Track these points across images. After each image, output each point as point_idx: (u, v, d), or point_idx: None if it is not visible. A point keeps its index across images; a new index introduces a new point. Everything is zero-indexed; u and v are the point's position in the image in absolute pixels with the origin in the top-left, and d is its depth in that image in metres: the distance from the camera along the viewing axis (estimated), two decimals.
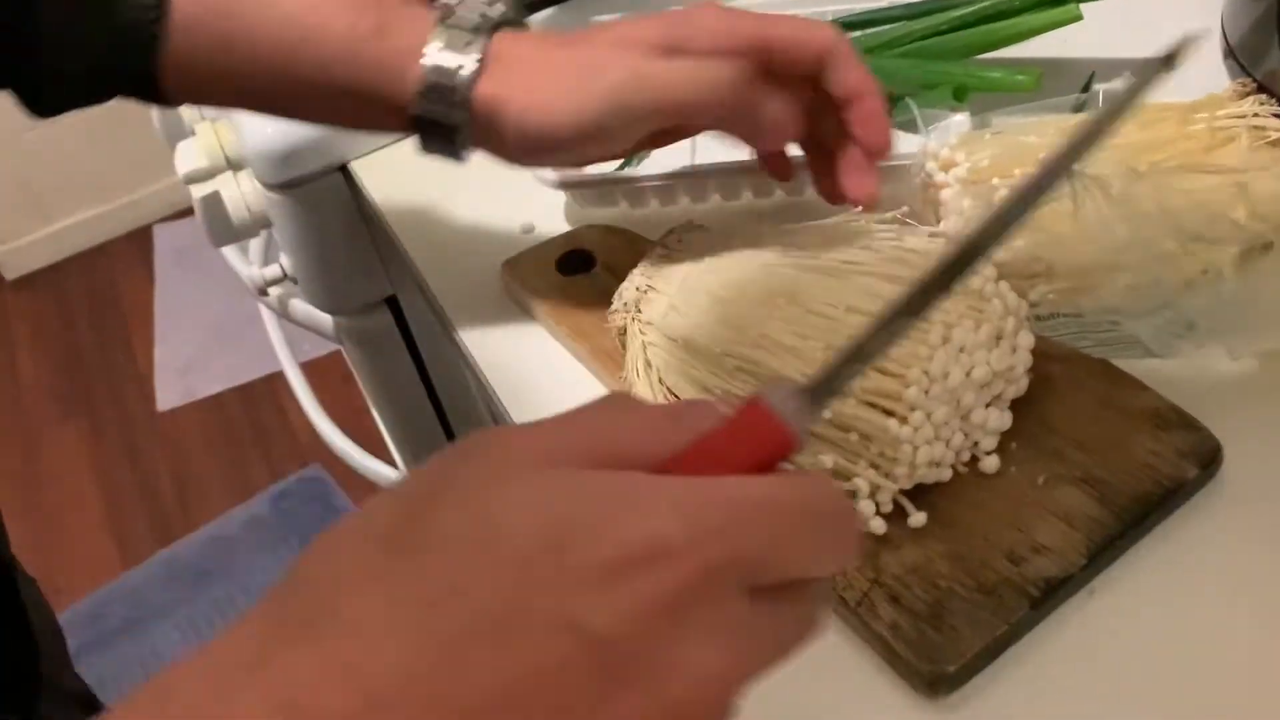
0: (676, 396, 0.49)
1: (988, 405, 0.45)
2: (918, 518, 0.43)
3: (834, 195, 0.49)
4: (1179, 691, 0.40)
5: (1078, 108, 0.63)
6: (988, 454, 0.45)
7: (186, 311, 2.13)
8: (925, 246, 0.47)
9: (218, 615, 1.67)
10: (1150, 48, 0.66)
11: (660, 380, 0.49)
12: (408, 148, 0.71)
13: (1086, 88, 0.63)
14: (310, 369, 1.36)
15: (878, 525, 0.43)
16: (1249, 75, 0.56)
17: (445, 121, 0.47)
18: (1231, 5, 0.58)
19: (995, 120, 0.55)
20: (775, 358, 0.45)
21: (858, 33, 0.65)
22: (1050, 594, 0.41)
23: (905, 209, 0.48)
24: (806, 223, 0.50)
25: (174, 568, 1.73)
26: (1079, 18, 0.56)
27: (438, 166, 0.69)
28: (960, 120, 0.55)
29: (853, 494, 0.43)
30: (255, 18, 0.47)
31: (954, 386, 0.43)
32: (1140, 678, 0.40)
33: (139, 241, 2.32)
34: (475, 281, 0.60)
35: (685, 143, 0.66)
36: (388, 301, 0.79)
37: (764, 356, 0.45)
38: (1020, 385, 0.46)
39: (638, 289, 0.51)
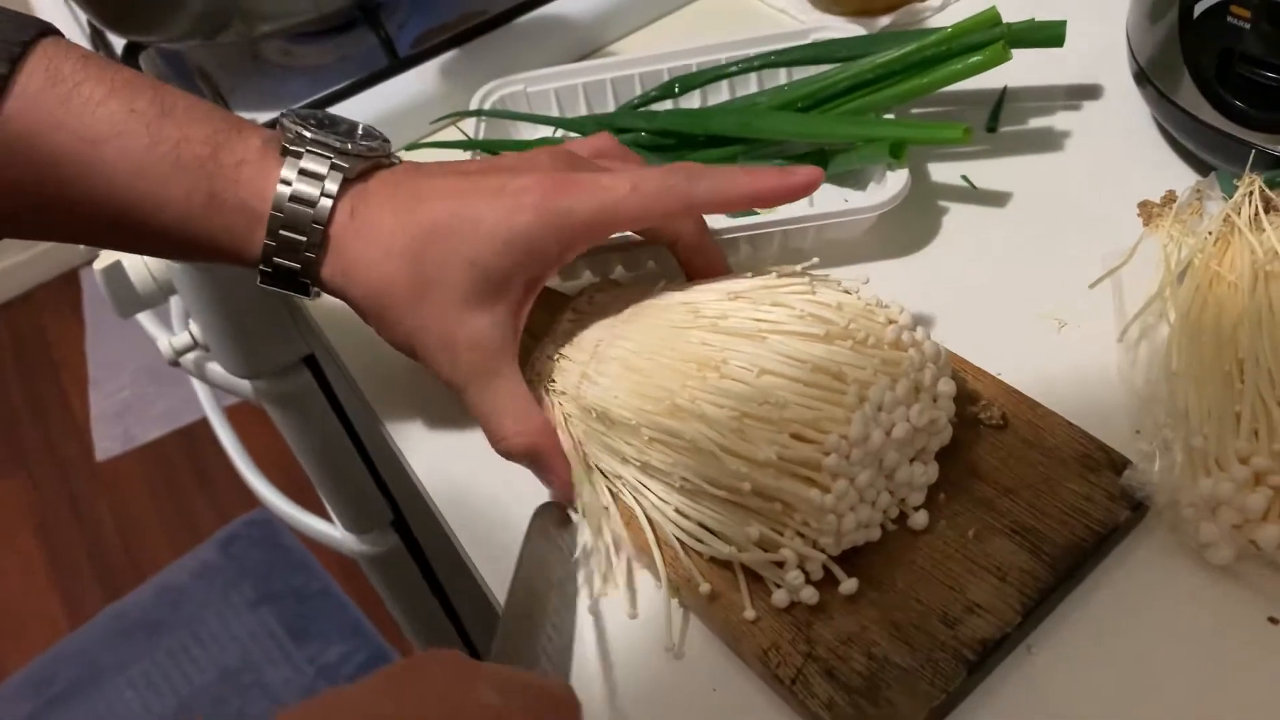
0: (601, 472, 0.47)
1: (912, 461, 0.44)
2: (849, 584, 0.42)
3: None
4: None
5: (991, 127, 0.62)
6: (916, 509, 0.44)
7: (119, 355, 2.08)
8: (838, 300, 0.45)
9: (173, 667, 1.63)
10: (1058, 71, 0.66)
11: (584, 454, 0.47)
12: None
13: (997, 110, 0.62)
14: (246, 411, 1.33)
15: (809, 595, 0.42)
16: (1167, 99, 0.54)
17: (294, 288, 0.47)
18: (1136, 27, 0.57)
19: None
20: (689, 427, 0.43)
21: (783, 83, 0.63)
22: (987, 656, 0.40)
23: (816, 260, 0.46)
24: (715, 281, 0.48)
25: (123, 622, 1.69)
26: (1009, 58, 0.54)
27: None
28: (899, 175, 0.54)
29: (780, 564, 0.42)
30: (79, 175, 0.43)
31: (875, 449, 0.41)
32: None
33: (66, 287, 2.26)
34: (387, 346, 0.58)
35: None
36: (306, 360, 0.76)
37: (678, 426, 0.43)
38: (944, 436, 0.45)
39: (549, 357, 0.49)
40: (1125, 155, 0.59)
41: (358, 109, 0.69)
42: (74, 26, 0.81)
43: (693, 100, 0.65)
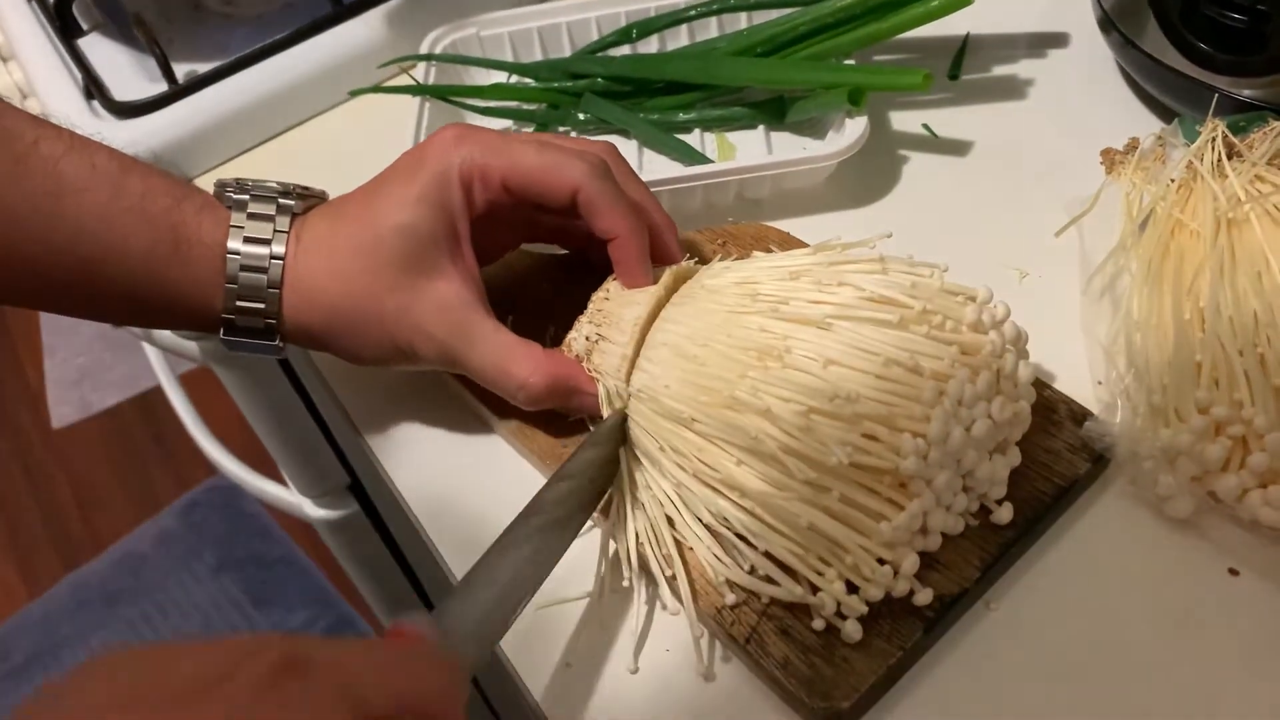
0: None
1: (992, 454, 0.40)
2: (924, 595, 0.39)
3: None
4: (1082, 695, 0.38)
5: (953, 75, 0.61)
6: (999, 503, 0.41)
7: (74, 321, 2.03)
8: (912, 280, 0.41)
9: (133, 636, 1.60)
10: (1022, 19, 0.64)
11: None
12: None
13: (959, 58, 0.61)
14: (204, 376, 1.30)
15: (853, 629, 0.38)
16: (1132, 44, 0.53)
17: (258, 338, 0.46)
18: None
19: None
20: (751, 423, 0.39)
21: (743, 27, 0.61)
22: (945, 612, 0.39)
23: (889, 234, 0.43)
24: (770, 256, 0.44)
25: (83, 592, 1.65)
26: (970, 2, 0.53)
27: None
28: (858, 123, 0.53)
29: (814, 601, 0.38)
30: (40, 230, 0.43)
31: (954, 449, 0.38)
32: (1042, 686, 0.38)
33: None
34: None
35: None
36: None
37: (739, 421, 0.39)
38: (1025, 422, 0.41)
39: (586, 338, 0.45)
40: (1089, 103, 0.58)
41: (302, 57, 0.66)
42: None
43: (650, 45, 0.64)
